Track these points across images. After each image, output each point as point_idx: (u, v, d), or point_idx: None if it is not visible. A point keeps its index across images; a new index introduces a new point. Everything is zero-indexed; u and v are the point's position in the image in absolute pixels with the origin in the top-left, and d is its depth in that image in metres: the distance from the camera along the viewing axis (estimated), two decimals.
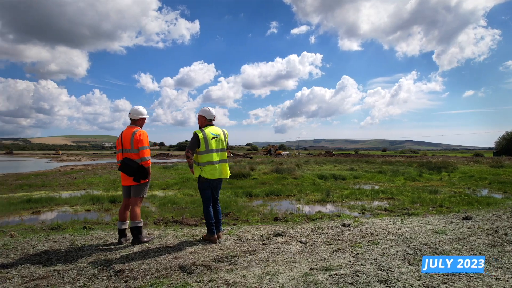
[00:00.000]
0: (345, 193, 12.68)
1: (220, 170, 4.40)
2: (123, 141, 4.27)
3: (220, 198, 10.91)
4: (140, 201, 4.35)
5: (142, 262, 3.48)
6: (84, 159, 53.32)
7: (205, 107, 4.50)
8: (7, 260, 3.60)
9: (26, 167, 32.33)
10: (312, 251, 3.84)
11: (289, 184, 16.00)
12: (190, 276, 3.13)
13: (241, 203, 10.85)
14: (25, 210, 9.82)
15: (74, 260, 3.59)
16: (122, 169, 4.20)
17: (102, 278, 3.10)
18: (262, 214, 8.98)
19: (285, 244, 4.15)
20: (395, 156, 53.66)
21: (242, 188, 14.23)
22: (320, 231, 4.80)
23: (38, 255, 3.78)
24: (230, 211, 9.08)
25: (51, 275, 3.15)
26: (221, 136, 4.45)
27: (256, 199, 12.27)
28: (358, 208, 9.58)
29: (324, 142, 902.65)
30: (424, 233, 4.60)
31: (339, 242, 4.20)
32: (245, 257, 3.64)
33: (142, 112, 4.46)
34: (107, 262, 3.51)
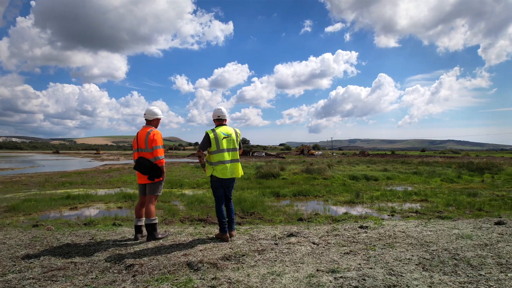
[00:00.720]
0: (376, 194, 12.32)
1: (232, 169, 4.43)
2: (139, 141, 4.45)
3: (247, 198, 11.08)
4: (154, 199, 4.50)
5: (153, 258, 3.60)
6: (122, 159, 55.86)
7: (217, 107, 4.58)
8: (32, 251, 3.87)
9: (70, 166, 34.47)
10: (323, 253, 3.76)
11: (319, 185, 15.80)
12: (195, 273, 3.19)
13: (267, 203, 10.88)
14: (64, 206, 10.48)
15: (91, 253, 3.78)
16: (137, 168, 4.37)
17: (113, 271, 3.24)
18: (287, 214, 8.95)
19: (297, 244, 4.10)
20: (433, 157, 51.10)
21: (270, 188, 14.25)
22: (335, 232, 4.69)
23: (60, 247, 4.04)
24: (255, 210, 9.14)
25: (68, 266, 3.35)
26: (233, 136, 4.48)
27: (283, 199, 12.25)
28: (387, 210, 9.26)
29: (359, 142, 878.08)
30: (447, 238, 4.35)
31: (353, 244, 4.08)
32: (253, 257, 3.65)
33: (157, 113, 4.61)
34: (120, 256, 3.67)
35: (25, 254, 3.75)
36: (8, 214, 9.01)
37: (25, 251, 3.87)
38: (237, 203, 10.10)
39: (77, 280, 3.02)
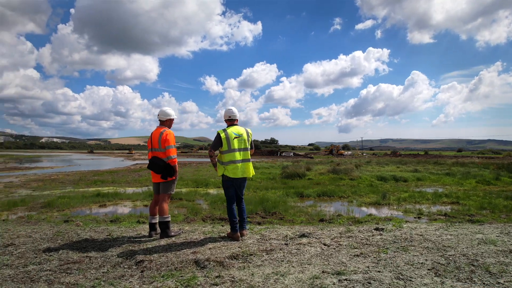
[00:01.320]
0: (403, 196, 11.91)
1: (243, 169, 4.46)
2: (152, 141, 4.59)
3: (270, 198, 11.09)
4: (167, 197, 4.61)
5: (162, 255, 3.70)
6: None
7: (228, 108, 4.63)
8: (53, 245, 4.11)
9: (103, 165, 35.99)
10: (332, 254, 3.70)
11: (344, 185, 15.52)
12: (201, 270, 3.25)
13: (290, 203, 10.83)
14: (94, 203, 10.98)
15: (105, 249, 3.95)
16: (150, 167, 4.51)
17: (124, 266, 3.37)
18: (309, 215, 8.88)
19: (307, 245, 4.06)
20: (470, 157, 48.50)
21: (294, 188, 14.17)
22: (349, 234, 4.59)
23: (79, 242, 4.25)
24: (277, 210, 9.13)
25: (83, 260, 3.52)
26: (244, 136, 4.51)
27: (307, 200, 12.15)
28: (414, 212, 8.95)
29: (391, 142, 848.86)
30: (468, 243, 4.13)
31: (365, 247, 3.98)
32: (261, 256, 3.65)
33: (170, 114, 4.73)
34: (132, 252, 3.80)
35: (47, 248, 3.98)
36: (44, 210, 9.58)
37: (47, 245, 4.11)
38: (260, 203, 10.13)
39: (89, 274, 3.17)
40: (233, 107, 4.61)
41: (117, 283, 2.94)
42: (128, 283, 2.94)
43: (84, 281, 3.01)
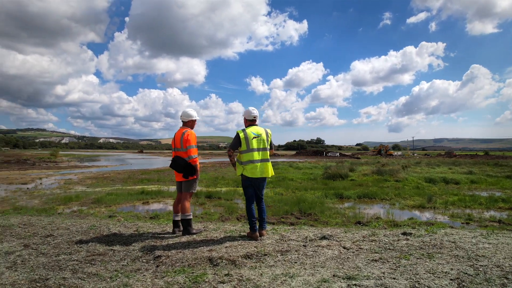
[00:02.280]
0: (452, 199, 11.12)
1: (262, 169, 4.46)
2: (175, 141, 4.77)
3: (308, 198, 10.95)
4: (189, 196, 4.76)
5: (180, 251, 3.83)
6: (199, 158, 59.51)
7: (247, 108, 4.66)
8: (85, 238, 4.44)
9: (153, 164, 37.90)
10: (349, 258, 3.57)
11: (388, 187, 14.87)
12: (213, 268, 3.32)
13: (328, 204, 10.62)
14: (138, 200, 11.63)
15: (130, 243, 4.19)
16: (172, 166, 4.68)
17: (142, 260, 3.55)
18: (346, 216, 8.65)
19: (326, 248, 3.95)
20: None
21: (335, 189, 13.86)
22: (372, 237, 4.38)
23: (107, 236, 4.54)
24: (313, 211, 9.01)
25: (107, 253, 3.77)
26: (263, 136, 4.51)
27: (346, 201, 11.84)
28: (462, 217, 8.34)
29: (446, 142, 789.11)
30: (507, 253, 3.74)
31: (387, 252, 3.77)
32: (275, 257, 3.63)
33: (191, 115, 4.87)
34: (153, 248, 3.98)
35: (79, 240, 4.32)
36: (94, 206, 10.35)
37: (80, 237, 4.45)
38: (296, 203, 10.07)
39: (110, 265, 3.39)
40: (252, 108, 4.64)
41: (132, 276, 3.11)
42: (142, 276, 3.10)
43: (104, 272, 3.22)
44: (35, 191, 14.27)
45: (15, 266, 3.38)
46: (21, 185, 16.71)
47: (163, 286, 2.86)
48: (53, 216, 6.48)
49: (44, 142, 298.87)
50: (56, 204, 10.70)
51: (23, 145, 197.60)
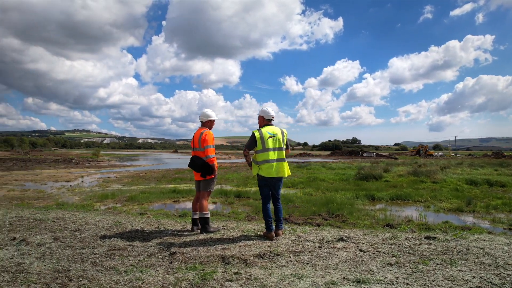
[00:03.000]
0: (495, 203, 10.44)
1: (278, 168, 4.44)
2: (194, 141, 4.88)
3: (337, 199, 10.76)
4: (207, 195, 4.84)
5: (195, 249, 3.91)
6: (233, 158, 60.20)
7: (264, 107, 4.66)
8: (109, 233, 4.67)
9: (186, 164, 39.02)
10: (363, 261, 3.46)
11: (424, 189, 14.24)
12: (224, 266, 3.36)
13: (359, 205, 10.39)
14: (169, 198, 12.02)
15: (149, 239, 4.34)
16: (190, 165, 4.80)
17: (158, 256, 3.67)
18: (375, 218, 8.44)
19: (341, 250, 3.86)
20: None
21: (366, 190, 13.52)
22: (392, 241, 4.21)
23: (130, 232, 4.74)
24: (341, 213, 8.86)
25: (127, 248, 3.94)
26: (278, 135, 4.50)
27: (378, 203, 11.51)
28: (505, 223, 7.86)
29: (494, 142, 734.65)
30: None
31: (405, 256, 3.61)
32: (287, 257, 3.61)
33: (209, 115, 4.96)
34: (170, 244, 4.11)
35: (103, 235, 4.55)
36: (127, 203, 10.85)
37: (104, 232, 4.69)
38: (325, 204, 9.94)
39: (127, 260, 3.54)
40: (268, 107, 4.64)
41: (146, 271, 3.23)
42: (155, 272, 3.21)
43: (121, 266, 3.37)
44: (76, 188, 15.20)
45: (43, 257, 3.64)
46: (65, 182, 17.86)
47: (173, 282, 2.94)
48: (88, 212, 6.87)
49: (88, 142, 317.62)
50: (93, 201, 11.33)
51: (70, 145, 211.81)
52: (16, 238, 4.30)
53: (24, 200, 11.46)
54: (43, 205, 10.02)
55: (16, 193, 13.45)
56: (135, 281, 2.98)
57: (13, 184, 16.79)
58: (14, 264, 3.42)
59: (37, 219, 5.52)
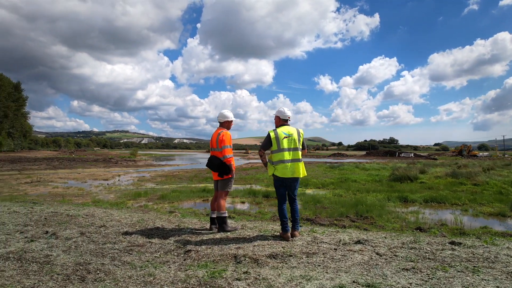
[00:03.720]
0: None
1: (293, 169, 4.41)
2: (212, 141, 4.97)
3: (367, 201, 10.48)
4: (225, 194, 4.91)
5: (209, 247, 3.98)
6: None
7: (280, 108, 4.65)
8: (131, 230, 4.87)
9: None
10: (377, 265, 3.34)
11: (463, 191, 13.51)
12: (236, 265, 3.40)
13: (389, 207, 10.08)
14: (199, 197, 12.29)
15: (167, 237, 4.48)
16: (208, 165, 4.89)
17: (173, 253, 3.78)
18: (406, 221, 8.15)
19: (357, 252, 3.76)
20: None
21: (399, 192, 13.05)
22: (413, 245, 4.02)
23: (151, 229, 4.92)
24: (370, 215, 8.65)
25: (145, 245, 4.09)
26: (294, 136, 4.46)
27: (410, 205, 11.08)
28: None
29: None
30: None
31: (424, 261, 3.45)
32: (300, 258, 3.57)
33: (227, 116, 5.02)
34: (186, 242, 4.21)
35: (125, 231, 4.75)
36: (158, 201, 11.23)
37: (127, 229, 4.90)
38: (354, 205, 9.74)
39: (144, 256, 3.68)
40: (284, 107, 4.63)
41: (159, 267, 3.34)
42: (167, 268, 3.31)
43: (137, 261, 3.51)
44: (112, 186, 15.96)
45: (69, 250, 3.87)
46: (103, 181, 18.82)
47: (182, 279, 3.02)
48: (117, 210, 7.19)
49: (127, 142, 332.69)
50: (127, 199, 11.85)
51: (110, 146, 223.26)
52: (48, 231, 4.61)
53: (65, 197, 12.21)
54: (81, 202, 10.62)
55: (59, 190, 14.36)
56: (147, 276, 3.09)
57: (57, 181, 17.95)
58: (42, 255, 3.68)
59: (69, 214, 5.89)
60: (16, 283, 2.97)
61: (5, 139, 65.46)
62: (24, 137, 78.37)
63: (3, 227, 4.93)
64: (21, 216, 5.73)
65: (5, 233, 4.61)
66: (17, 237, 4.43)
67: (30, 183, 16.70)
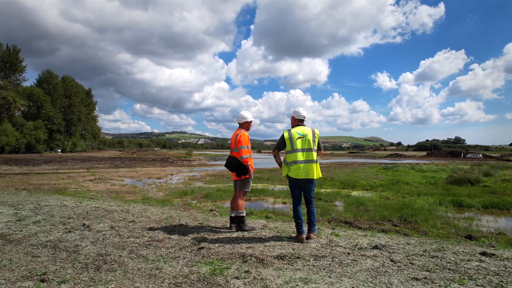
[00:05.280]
0: None
1: (306, 170, 4.32)
2: (231, 142, 5.07)
3: (416, 205, 9.88)
4: (243, 194, 4.97)
5: (222, 245, 4.08)
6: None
7: (296, 108, 4.60)
8: (156, 225, 5.17)
9: (269, 164, 39.77)
10: (387, 272, 3.15)
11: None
12: (241, 264, 3.45)
13: (440, 212, 9.41)
14: None
15: (186, 233, 4.67)
16: (226, 165, 4.99)
17: (187, 250, 3.94)
18: (455, 228, 7.54)
19: (370, 258, 3.58)
20: None
21: (455, 196, 12.06)
22: (436, 253, 3.70)
23: (174, 226, 5.16)
24: (414, 219, 8.17)
25: (164, 240, 4.32)
26: (308, 136, 4.37)
27: (466, 211, 10.22)
28: None
29: None
30: None
31: (442, 272, 3.16)
32: (307, 261, 3.50)
33: (245, 116, 5.09)
34: (202, 239, 4.36)
35: (150, 227, 5.05)
36: (202, 200, 11.66)
37: (152, 225, 5.20)
38: (399, 209, 9.26)
39: (159, 251, 3.90)
40: (300, 107, 4.58)
41: (169, 261, 3.52)
42: (175, 263, 3.47)
43: (152, 255, 3.73)
44: (164, 185, 16.90)
45: (96, 242, 4.24)
46: (156, 179, 20.01)
47: (185, 274, 3.15)
48: (157, 207, 7.65)
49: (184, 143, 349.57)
50: (173, 197, 12.46)
51: (169, 146, 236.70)
52: (85, 224, 5.08)
53: (119, 193, 13.22)
54: (132, 198, 11.40)
55: (115, 188, 15.59)
56: (155, 269, 3.27)
57: (116, 179, 19.49)
58: (73, 245, 4.08)
59: (107, 210, 6.41)
60: (43, 268, 3.34)
61: (78, 140, 72.82)
62: (94, 138, 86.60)
63: (51, 219, 5.54)
64: (68, 209, 6.38)
65: (51, 224, 5.18)
66: (59, 228, 4.95)
67: (93, 181, 18.37)
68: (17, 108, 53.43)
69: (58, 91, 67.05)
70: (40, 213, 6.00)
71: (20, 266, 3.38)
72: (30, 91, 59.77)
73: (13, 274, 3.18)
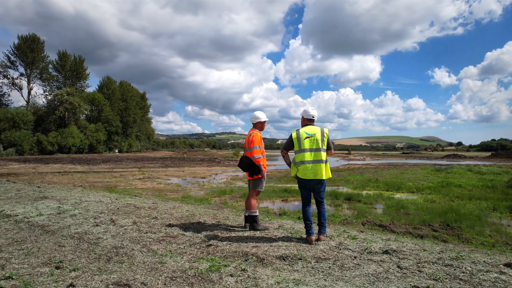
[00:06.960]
0: None
1: (315, 170, 4.22)
2: (245, 142, 5.12)
3: (463, 209, 9.17)
4: (256, 194, 4.99)
5: (229, 243, 4.15)
6: (367, 159, 57.10)
7: (306, 107, 4.53)
8: (175, 222, 5.39)
9: None
10: (387, 278, 2.98)
11: None
12: (242, 262, 3.49)
13: (491, 219, 8.67)
14: (279, 197, 12.52)
15: (200, 231, 4.81)
16: (239, 165, 5.04)
17: (196, 246, 4.07)
18: (507, 236, 6.90)
19: (375, 263, 3.41)
20: None
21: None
22: (451, 262, 3.40)
23: (192, 223, 5.35)
24: (458, 225, 7.63)
25: (178, 236, 4.50)
26: (317, 136, 4.27)
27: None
28: None
29: None
30: None
31: (451, 282, 2.91)
32: (308, 262, 3.44)
33: (259, 117, 5.11)
34: (213, 237, 4.47)
35: (169, 223, 5.28)
36: (239, 199, 11.80)
37: (172, 221, 5.43)
38: (443, 213, 8.70)
39: (170, 246, 4.08)
40: (309, 107, 4.50)
41: (175, 256, 3.68)
42: (180, 258, 3.61)
43: (161, 250, 3.92)
44: (206, 184, 17.44)
45: (116, 236, 4.55)
46: (200, 178, 20.71)
47: (184, 269, 3.28)
48: (190, 204, 7.95)
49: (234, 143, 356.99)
50: (212, 196, 12.81)
51: (219, 146, 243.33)
52: (112, 219, 5.47)
53: (162, 192, 13.90)
54: (173, 196, 11.94)
55: (161, 186, 16.42)
56: (158, 263, 3.44)
57: (163, 178, 20.53)
58: (95, 238, 4.43)
59: (136, 206, 6.81)
60: (62, 256, 3.68)
61: (134, 141, 77.95)
62: (148, 139, 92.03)
63: (85, 213, 6.05)
64: (102, 205, 6.90)
65: (84, 218, 5.66)
66: (90, 221, 5.39)
67: (142, 179, 19.53)
68: (81, 112, 58.83)
69: (116, 95, 72.40)
70: (78, 207, 6.57)
71: (45, 254, 3.75)
72: (92, 96, 65.30)
73: (37, 260, 3.55)
